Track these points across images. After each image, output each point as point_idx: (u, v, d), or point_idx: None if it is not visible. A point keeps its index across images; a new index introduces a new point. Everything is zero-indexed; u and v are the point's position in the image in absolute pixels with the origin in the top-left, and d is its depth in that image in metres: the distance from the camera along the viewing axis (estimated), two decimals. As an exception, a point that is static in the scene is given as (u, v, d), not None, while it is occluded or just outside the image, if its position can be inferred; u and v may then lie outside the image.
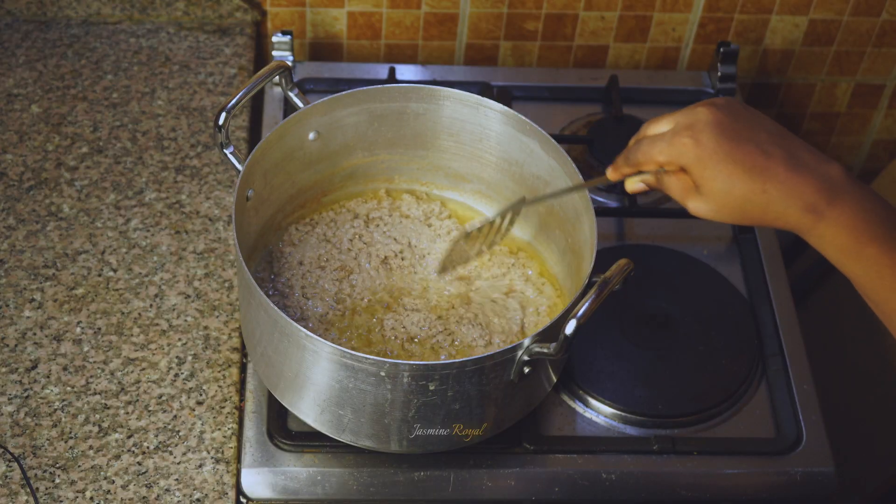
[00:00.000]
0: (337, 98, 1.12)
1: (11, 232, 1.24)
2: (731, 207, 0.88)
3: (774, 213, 0.87)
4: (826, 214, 0.85)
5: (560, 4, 1.48)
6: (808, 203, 0.85)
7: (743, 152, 0.87)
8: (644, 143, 0.92)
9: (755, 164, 0.86)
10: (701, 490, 1.13)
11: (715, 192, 0.88)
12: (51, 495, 1.05)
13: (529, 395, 1.06)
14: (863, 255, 0.85)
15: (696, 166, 0.88)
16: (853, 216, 0.85)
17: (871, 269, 0.85)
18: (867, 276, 0.85)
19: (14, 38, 1.43)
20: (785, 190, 0.86)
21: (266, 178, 1.11)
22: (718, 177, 0.87)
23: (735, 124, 0.88)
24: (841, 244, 0.85)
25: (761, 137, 0.88)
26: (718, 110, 0.88)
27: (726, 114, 0.88)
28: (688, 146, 0.88)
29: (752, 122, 0.89)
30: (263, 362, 1.06)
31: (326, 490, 1.10)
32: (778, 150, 0.87)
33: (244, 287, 1.03)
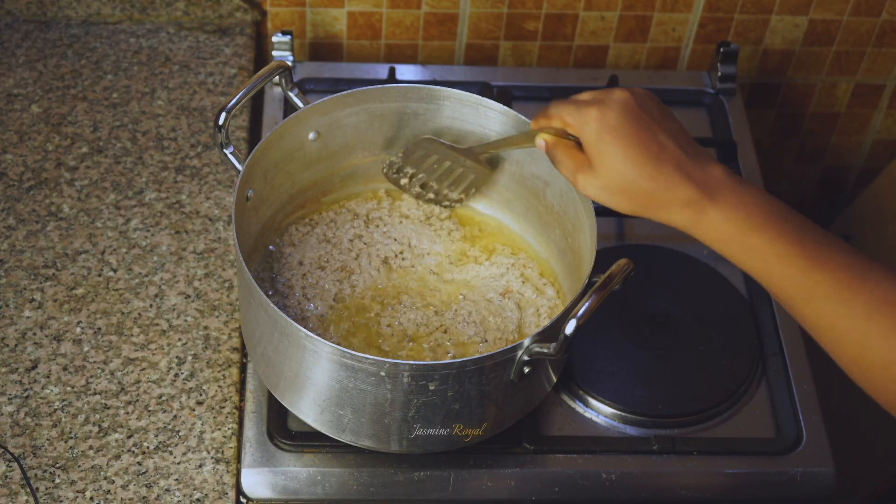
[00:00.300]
0: (337, 98, 1.12)
1: (11, 232, 1.24)
2: (618, 187, 0.92)
3: (658, 203, 0.91)
4: (708, 209, 0.89)
5: (560, 4, 1.48)
6: (689, 198, 0.89)
7: (641, 138, 0.91)
8: (560, 101, 0.97)
9: (649, 150, 0.90)
10: (701, 490, 1.13)
11: (606, 168, 0.92)
12: (51, 495, 1.05)
13: (529, 395, 1.06)
14: (747, 246, 0.88)
15: (594, 137, 0.92)
16: (735, 209, 0.88)
17: (756, 258, 0.88)
18: (755, 267, 0.89)
19: (14, 38, 1.43)
20: (671, 182, 0.90)
21: (266, 178, 1.11)
22: (613, 152, 0.91)
23: (642, 112, 0.92)
24: (723, 236, 0.89)
25: (661, 130, 0.92)
26: (632, 96, 0.93)
27: (637, 101, 0.93)
28: (593, 116, 0.92)
29: (657, 116, 0.93)
30: (263, 362, 1.06)
31: (326, 490, 1.10)
32: (673, 145, 0.91)
33: (244, 287, 1.03)
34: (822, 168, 1.74)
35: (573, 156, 0.96)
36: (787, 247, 0.87)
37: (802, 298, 0.87)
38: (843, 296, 0.85)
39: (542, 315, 1.14)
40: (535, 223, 1.19)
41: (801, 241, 0.87)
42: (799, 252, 0.87)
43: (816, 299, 0.86)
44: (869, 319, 0.83)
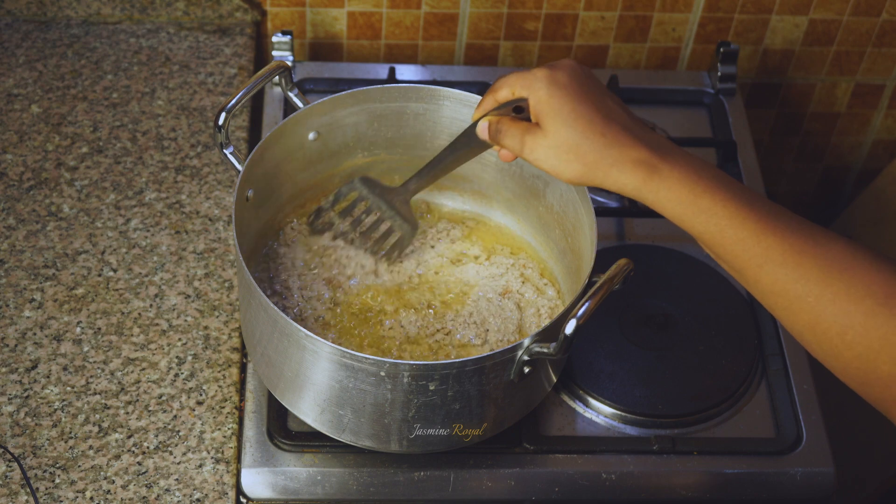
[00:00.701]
0: (337, 98, 1.12)
1: (11, 232, 1.24)
2: (568, 146, 0.91)
3: (609, 161, 0.90)
4: (660, 168, 0.89)
5: (560, 4, 1.48)
6: (641, 157, 0.90)
7: (590, 99, 0.92)
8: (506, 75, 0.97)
9: (598, 110, 0.91)
10: (701, 490, 1.13)
11: (557, 126, 0.92)
12: (51, 495, 1.05)
13: (529, 395, 1.06)
14: (700, 207, 0.88)
15: (546, 95, 0.92)
16: (686, 171, 0.89)
17: (709, 221, 0.88)
18: (707, 231, 0.88)
19: (14, 38, 1.43)
20: (621, 140, 0.90)
21: (266, 178, 1.11)
22: (564, 108, 0.91)
23: (588, 80, 0.94)
24: (677, 196, 0.88)
25: (607, 99, 0.93)
26: (579, 66, 0.95)
27: (582, 71, 0.94)
28: (543, 77, 0.93)
29: (602, 88, 0.94)
30: (263, 362, 1.06)
31: (326, 490, 1.10)
32: (619, 109, 0.93)
33: (244, 287, 1.03)
34: (822, 168, 1.74)
35: (518, 123, 0.96)
36: (739, 210, 0.87)
37: (756, 263, 0.86)
38: (796, 259, 0.84)
39: (543, 315, 1.14)
40: (535, 223, 1.19)
41: (752, 206, 0.87)
42: (751, 215, 0.86)
43: (770, 263, 0.85)
44: (823, 283, 0.83)
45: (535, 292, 1.16)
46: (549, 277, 1.18)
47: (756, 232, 0.86)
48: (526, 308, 1.15)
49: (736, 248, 0.87)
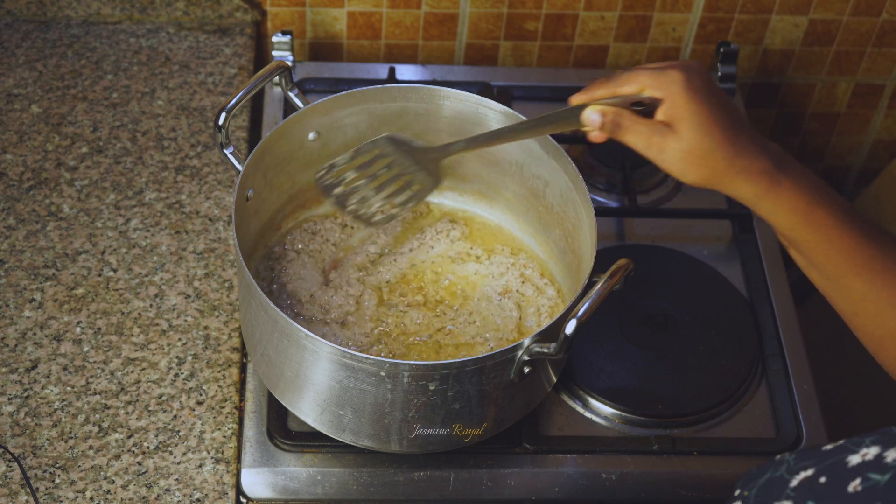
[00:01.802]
0: (337, 98, 1.12)
1: (11, 232, 1.24)
2: (700, 151, 0.91)
3: (735, 170, 0.91)
4: (780, 178, 0.91)
5: (560, 4, 1.48)
6: (765, 167, 0.91)
7: (723, 104, 0.92)
8: (632, 69, 0.95)
9: (729, 118, 0.92)
10: (701, 490, 1.13)
11: (693, 129, 0.91)
12: (51, 495, 1.05)
13: (529, 395, 1.06)
14: (813, 218, 0.90)
15: (683, 97, 0.91)
16: (802, 182, 0.91)
17: (819, 231, 0.91)
18: (816, 240, 0.91)
19: (14, 38, 1.43)
20: (749, 150, 0.91)
21: (266, 178, 1.11)
22: (702, 112, 0.91)
23: (716, 86, 0.94)
24: (794, 206, 0.91)
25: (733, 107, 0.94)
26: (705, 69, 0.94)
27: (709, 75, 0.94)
28: (680, 78, 0.92)
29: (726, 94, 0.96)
30: (263, 362, 1.06)
31: (326, 490, 1.10)
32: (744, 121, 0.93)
33: (244, 287, 1.03)
34: (823, 168, 1.74)
35: (645, 121, 0.93)
36: (847, 222, 0.90)
37: (855, 271, 0.90)
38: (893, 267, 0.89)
39: (543, 315, 1.14)
40: (535, 223, 1.19)
41: (854, 218, 0.91)
42: (856, 227, 0.90)
43: (869, 271, 0.89)
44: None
45: (536, 292, 1.16)
46: (549, 277, 1.18)
47: (860, 241, 0.90)
48: (526, 308, 1.15)
49: (839, 256, 0.90)
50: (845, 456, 0.69)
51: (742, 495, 0.73)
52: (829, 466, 0.69)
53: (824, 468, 0.69)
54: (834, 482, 0.67)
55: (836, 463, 0.69)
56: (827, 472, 0.69)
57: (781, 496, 0.70)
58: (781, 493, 0.70)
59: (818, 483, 0.68)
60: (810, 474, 0.69)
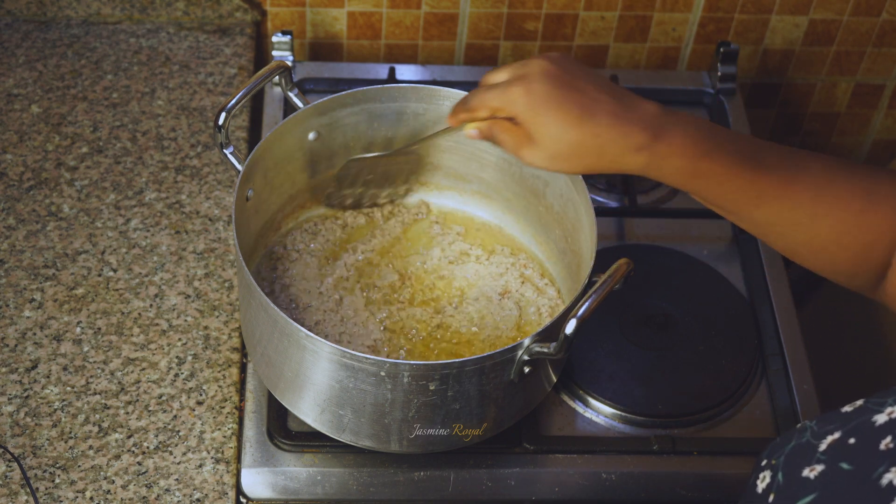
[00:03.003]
0: (337, 98, 1.12)
1: (11, 232, 1.24)
2: (565, 154, 0.92)
3: (610, 156, 0.92)
4: (657, 148, 0.91)
5: (560, 4, 1.48)
6: (638, 143, 0.91)
7: (572, 100, 0.91)
8: (480, 91, 0.97)
9: (584, 109, 0.91)
10: (701, 490, 1.13)
11: (548, 139, 0.92)
12: (51, 495, 1.05)
13: (529, 395, 1.06)
14: (699, 172, 0.92)
15: (529, 113, 0.92)
16: (682, 141, 0.91)
17: (709, 180, 0.92)
18: (707, 188, 0.93)
19: (14, 38, 1.43)
20: (616, 133, 0.91)
21: (266, 178, 1.11)
22: (550, 123, 0.91)
23: (565, 75, 0.93)
24: (677, 168, 0.92)
25: (589, 86, 0.93)
26: (550, 62, 0.93)
27: (557, 65, 0.93)
28: (520, 94, 0.92)
29: (581, 73, 0.94)
30: (263, 362, 1.06)
31: (326, 490, 1.10)
32: (604, 96, 0.92)
33: (244, 287, 1.03)
34: (823, 168, 1.74)
35: (511, 131, 0.95)
36: (733, 163, 0.91)
37: (753, 203, 0.92)
38: (789, 191, 0.90)
39: (543, 314, 1.14)
40: (535, 223, 1.19)
41: (743, 154, 0.91)
42: (744, 164, 0.91)
43: (765, 201, 0.91)
44: (815, 202, 0.89)
45: (535, 292, 1.16)
46: (548, 277, 1.18)
47: (751, 178, 0.91)
48: (526, 308, 1.15)
49: (734, 195, 0.92)
50: (870, 416, 0.69)
51: (770, 464, 0.74)
52: (856, 427, 0.70)
53: (851, 429, 0.70)
54: (864, 442, 0.68)
55: (863, 423, 0.69)
56: (854, 433, 0.69)
57: (812, 461, 0.70)
58: (812, 457, 0.71)
59: (847, 444, 0.69)
60: (837, 437, 0.70)
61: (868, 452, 0.67)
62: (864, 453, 0.67)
